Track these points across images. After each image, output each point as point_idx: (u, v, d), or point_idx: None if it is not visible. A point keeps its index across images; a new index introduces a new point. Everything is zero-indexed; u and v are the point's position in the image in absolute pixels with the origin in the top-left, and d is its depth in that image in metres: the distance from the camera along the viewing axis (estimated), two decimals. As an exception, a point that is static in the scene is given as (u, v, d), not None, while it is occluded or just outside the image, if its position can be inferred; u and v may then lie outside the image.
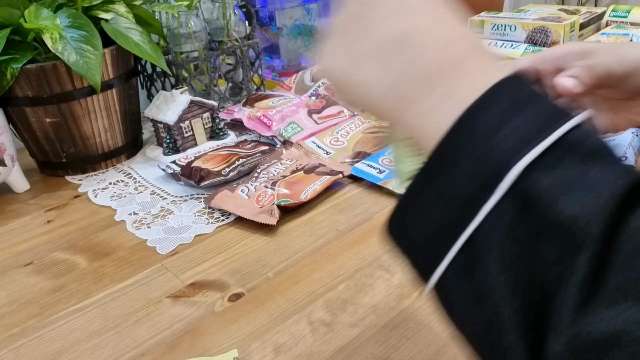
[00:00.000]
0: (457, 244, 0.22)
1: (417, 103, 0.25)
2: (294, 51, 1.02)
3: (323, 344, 0.42)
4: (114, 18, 0.71)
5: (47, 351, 0.45)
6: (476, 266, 0.22)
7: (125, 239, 0.59)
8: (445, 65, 0.25)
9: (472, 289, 0.22)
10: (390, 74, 0.26)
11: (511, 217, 0.21)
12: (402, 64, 0.26)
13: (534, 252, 0.20)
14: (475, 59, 0.25)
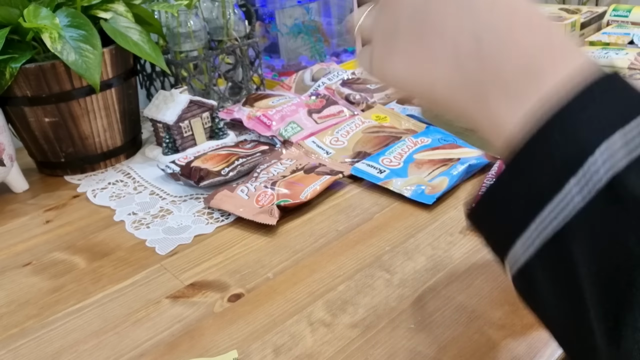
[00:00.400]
0: (547, 231, 0.23)
1: (496, 101, 0.25)
2: (294, 50, 1.02)
3: (323, 344, 0.42)
4: (113, 17, 0.71)
5: (46, 352, 0.44)
6: (564, 252, 0.23)
7: (124, 239, 0.59)
8: (524, 63, 0.25)
9: (558, 273, 0.23)
10: (464, 76, 0.26)
11: (603, 207, 0.21)
12: (477, 67, 0.26)
13: (625, 241, 0.21)
14: (554, 53, 0.25)
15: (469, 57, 0.26)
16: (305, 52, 1.03)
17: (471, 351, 0.40)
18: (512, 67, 0.25)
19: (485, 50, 0.26)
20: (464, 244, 0.52)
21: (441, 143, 0.69)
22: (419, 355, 0.39)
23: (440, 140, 0.69)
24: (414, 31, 0.28)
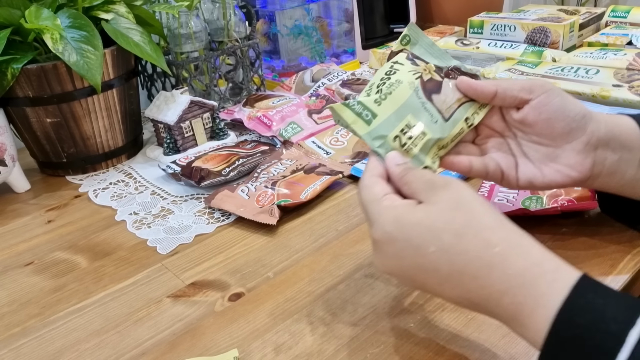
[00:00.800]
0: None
1: (492, 306, 0.33)
2: (294, 51, 1.02)
3: (323, 343, 0.42)
4: (114, 18, 0.71)
5: (48, 351, 0.45)
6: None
7: (125, 239, 0.59)
8: (515, 281, 0.32)
9: None
10: (459, 294, 0.35)
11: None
12: (464, 289, 0.34)
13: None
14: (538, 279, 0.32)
15: (457, 286, 0.34)
16: (305, 53, 1.03)
17: (470, 350, 0.40)
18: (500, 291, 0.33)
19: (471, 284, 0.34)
20: (463, 243, 0.52)
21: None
22: (418, 354, 0.40)
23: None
24: (405, 271, 0.36)
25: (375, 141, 0.42)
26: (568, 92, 0.77)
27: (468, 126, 0.44)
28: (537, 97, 0.42)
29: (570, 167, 0.43)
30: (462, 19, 1.17)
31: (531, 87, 0.43)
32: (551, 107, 0.42)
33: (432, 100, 0.43)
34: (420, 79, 0.44)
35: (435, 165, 0.43)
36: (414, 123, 0.42)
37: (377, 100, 0.43)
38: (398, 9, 1.19)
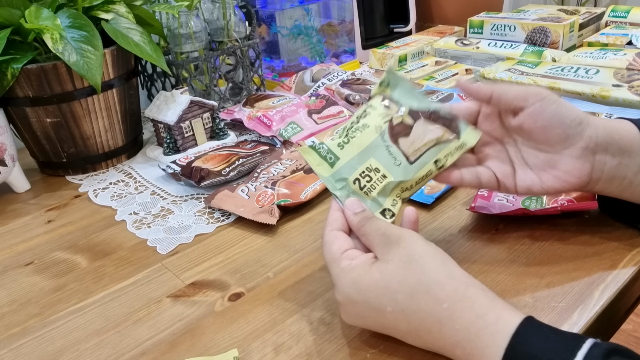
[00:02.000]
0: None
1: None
2: (294, 51, 1.02)
3: (323, 343, 0.42)
4: (114, 18, 0.71)
5: (48, 351, 0.45)
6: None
7: (125, 239, 0.59)
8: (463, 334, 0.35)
9: None
10: (420, 344, 0.39)
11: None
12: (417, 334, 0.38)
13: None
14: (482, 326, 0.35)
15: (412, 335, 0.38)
16: (305, 53, 1.03)
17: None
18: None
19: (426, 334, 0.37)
20: (463, 243, 0.52)
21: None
22: (417, 355, 0.40)
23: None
24: (370, 326, 0.41)
25: (337, 183, 0.44)
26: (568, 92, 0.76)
27: (437, 168, 0.45)
28: (532, 105, 0.43)
29: (568, 173, 0.43)
30: (462, 19, 1.17)
31: (526, 95, 0.43)
32: (546, 115, 0.42)
33: (398, 143, 0.44)
34: (389, 123, 0.44)
35: (396, 208, 0.44)
36: (374, 166, 0.44)
37: (340, 144, 0.44)
38: (398, 9, 1.19)
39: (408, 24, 1.20)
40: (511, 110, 0.44)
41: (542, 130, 0.43)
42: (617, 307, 0.45)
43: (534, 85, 0.45)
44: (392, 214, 0.44)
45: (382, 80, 0.47)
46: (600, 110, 0.69)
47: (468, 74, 0.96)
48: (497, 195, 0.56)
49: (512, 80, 0.81)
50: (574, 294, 0.44)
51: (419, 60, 1.06)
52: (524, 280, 0.46)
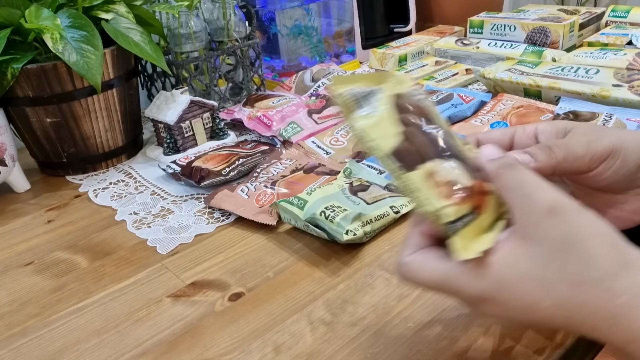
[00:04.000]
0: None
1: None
2: (294, 51, 1.02)
3: (323, 343, 0.42)
4: (114, 18, 0.71)
5: (48, 350, 0.45)
6: None
7: (125, 239, 0.59)
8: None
9: None
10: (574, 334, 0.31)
11: None
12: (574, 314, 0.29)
13: None
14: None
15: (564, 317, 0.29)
16: (305, 52, 1.03)
17: (470, 350, 0.40)
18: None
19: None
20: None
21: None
22: (418, 354, 0.40)
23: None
24: (514, 322, 0.33)
25: (307, 219, 0.53)
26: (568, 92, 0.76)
27: (394, 212, 0.55)
28: (596, 168, 0.36)
29: (633, 212, 0.38)
30: (462, 19, 1.17)
31: (590, 159, 0.36)
32: (611, 173, 0.36)
33: (357, 194, 0.56)
34: (350, 185, 0.58)
35: (360, 232, 0.51)
36: (337, 205, 0.53)
37: (308, 192, 0.56)
38: (398, 9, 1.19)
39: (408, 24, 1.20)
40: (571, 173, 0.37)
41: (605, 187, 0.37)
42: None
43: (582, 124, 0.38)
44: (353, 234, 0.51)
45: (344, 169, 0.63)
46: (600, 110, 0.69)
47: (468, 74, 0.96)
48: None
49: (512, 80, 0.81)
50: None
51: (419, 60, 1.06)
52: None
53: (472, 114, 0.79)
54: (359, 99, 0.34)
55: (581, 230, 0.29)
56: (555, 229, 0.29)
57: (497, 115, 0.75)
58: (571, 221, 0.29)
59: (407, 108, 0.34)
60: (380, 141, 0.33)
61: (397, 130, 0.33)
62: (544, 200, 0.29)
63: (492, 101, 0.80)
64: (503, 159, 0.32)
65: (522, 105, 0.76)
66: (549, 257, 0.29)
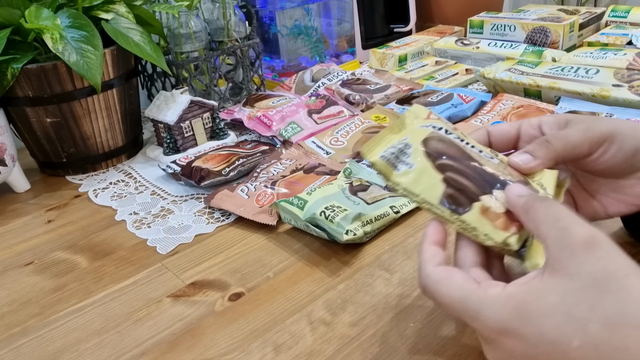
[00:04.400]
0: None
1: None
2: (294, 51, 1.02)
3: (323, 343, 0.42)
4: (114, 18, 0.71)
5: (48, 350, 0.45)
6: None
7: (125, 239, 0.59)
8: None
9: None
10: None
11: None
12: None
13: None
14: None
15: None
16: (305, 52, 1.03)
17: (470, 350, 0.40)
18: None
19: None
20: (463, 243, 0.52)
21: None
22: (418, 354, 0.40)
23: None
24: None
25: (307, 219, 0.53)
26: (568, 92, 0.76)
27: (394, 212, 0.55)
28: (594, 152, 0.38)
29: (636, 196, 0.39)
30: (462, 19, 1.17)
31: (589, 144, 0.37)
32: (608, 157, 0.37)
33: (356, 194, 0.56)
34: (350, 185, 0.57)
35: (360, 232, 0.51)
36: (337, 205, 0.53)
37: (308, 192, 0.56)
38: (398, 9, 1.19)
39: (408, 24, 1.20)
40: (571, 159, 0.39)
41: (605, 170, 0.38)
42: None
43: (581, 115, 0.40)
44: (353, 234, 0.50)
45: (345, 169, 0.62)
46: (600, 110, 0.69)
47: (468, 74, 0.96)
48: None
49: (512, 80, 0.81)
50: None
51: (419, 60, 1.06)
52: (524, 280, 0.46)
53: (472, 114, 0.79)
54: (392, 160, 0.35)
55: (620, 268, 0.27)
56: (592, 264, 0.27)
57: (497, 115, 0.75)
58: (610, 257, 0.27)
59: (438, 152, 0.35)
60: (426, 194, 0.34)
61: (438, 179, 0.34)
62: (582, 233, 0.28)
63: (492, 101, 0.80)
64: (536, 195, 0.32)
65: (522, 105, 0.76)
66: (583, 293, 0.27)
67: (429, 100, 0.80)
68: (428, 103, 0.80)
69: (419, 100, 0.81)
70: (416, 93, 0.84)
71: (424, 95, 0.83)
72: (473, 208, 0.33)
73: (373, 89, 0.88)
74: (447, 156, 0.35)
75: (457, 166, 0.34)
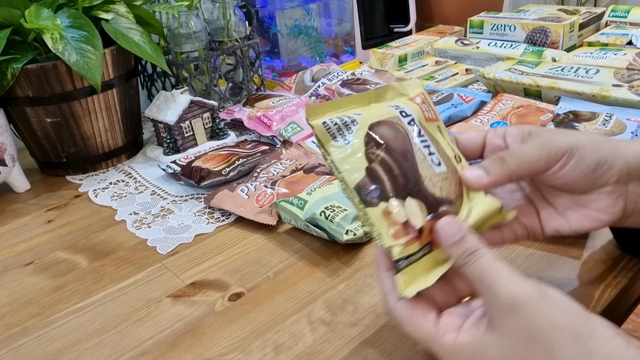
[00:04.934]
0: None
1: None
2: (294, 51, 1.02)
3: (323, 343, 0.42)
4: (114, 18, 0.71)
5: (48, 350, 0.45)
6: None
7: (125, 239, 0.59)
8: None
9: None
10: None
11: None
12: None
13: None
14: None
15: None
16: (305, 52, 1.03)
17: (470, 349, 0.40)
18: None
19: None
20: (463, 243, 0.52)
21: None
22: (417, 354, 0.40)
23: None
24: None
25: (307, 219, 0.53)
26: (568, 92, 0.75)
27: None
28: (553, 167, 0.37)
29: (600, 211, 0.38)
30: (462, 19, 1.17)
31: (546, 160, 0.36)
32: (567, 171, 0.37)
33: None
34: None
35: (360, 232, 0.51)
36: (337, 205, 0.53)
37: (308, 192, 0.56)
38: (398, 9, 1.19)
39: (408, 24, 1.20)
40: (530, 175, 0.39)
41: (566, 185, 0.38)
42: (617, 307, 0.45)
43: (543, 128, 0.38)
44: (353, 234, 0.51)
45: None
46: (600, 110, 0.69)
47: (468, 74, 0.96)
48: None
49: (512, 80, 0.81)
50: (574, 294, 0.44)
51: (419, 60, 1.06)
52: (524, 280, 0.46)
53: (472, 114, 0.79)
54: (332, 130, 0.35)
55: (541, 325, 0.29)
56: (516, 324, 0.29)
57: (497, 115, 0.75)
58: (530, 317, 0.29)
59: (379, 140, 0.34)
60: (347, 174, 0.34)
61: (362, 166, 0.34)
62: (503, 295, 0.30)
63: (492, 101, 0.80)
64: (464, 246, 0.32)
65: (522, 105, 0.76)
66: (515, 350, 0.29)
67: (429, 100, 0.80)
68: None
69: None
70: (416, 93, 0.84)
71: (424, 95, 0.83)
72: (378, 206, 0.33)
73: (373, 89, 0.88)
74: (385, 147, 0.34)
75: (387, 160, 0.34)
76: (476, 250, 0.32)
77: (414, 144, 0.35)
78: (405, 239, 0.33)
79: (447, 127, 0.75)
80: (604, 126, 0.66)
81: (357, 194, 0.34)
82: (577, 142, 0.37)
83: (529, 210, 0.40)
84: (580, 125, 0.67)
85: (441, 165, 0.35)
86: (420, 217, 0.33)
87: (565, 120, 0.69)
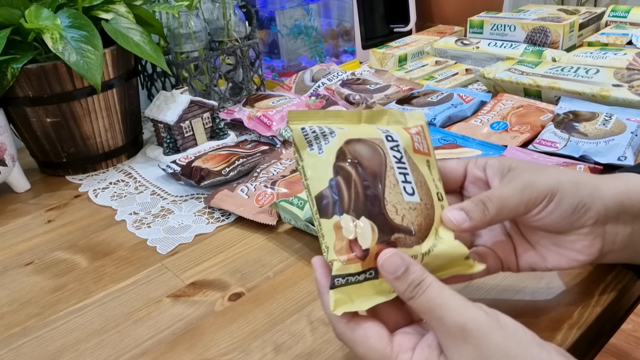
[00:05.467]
0: None
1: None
2: (294, 51, 1.02)
3: (323, 343, 0.42)
4: (114, 18, 0.71)
5: (48, 350, 0.45)
6: None
7: (125, 239, 0.59)
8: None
9: None
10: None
11: None
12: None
13: None
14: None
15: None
16: (305, 52, 1.03)
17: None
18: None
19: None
20: (463, 243, 0.52)
21: (441, 143, 0.69)
22: (418, 354, 0.40)
23: (440, 140, 0.70)
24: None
25: (307, 219, 0.52)
26: (568, 92, 0.75)
27: None
28: (531, 211, 0.37)
29: (577, 252, 0.38)
30: (462, 19, 1.17)
31: (526, 204, 0.36)
32: (545, 214, 0.37)
33: None
34: None
35: None
36: None
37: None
38: (398, 9, 1.19)
39: (408, 24, 1.20)
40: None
41: (543, 226, 0.38)
42: (617, 307, 0.45)
43: (525, 164, 0.39)
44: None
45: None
46: (600, 110, 0.69)
47: (468, 74, 0.96)
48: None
49: (512, 80, 0.81)
50: (573, 293, 0.44)
51: (419, 60, 1.06)
52: (523, 280, 0.46)
53: (472, 114, 0.79)
54: (310, 137, 0.35)
55: (493, 355, 0.29)
56: (470, 352, 0.29)
57: (497, 115, 0.75)
58: (482, 346, 0.29)
59: (348, 157, 0.34)
60: (312, 183, 0.34)
61: (327, 177, 0.34)
62: (454, 325, 0.30)
63: (492, 101, 0.80)
64: (409, 279, 0.32)
65: (522, 105, 0.76)
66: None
67: (428, 100, 0.80)
68: (428, 103, 0.80)
69: (419, 100, 0.81)
70: (416, 93, 0.84)
71: (424, 95, 0.83)
72: (332, 219, 0.33)
73: (373, 89, 0.88)
74: (356, 163, 0.34)
75: (353, 177, 0.34)
76: (421, 281, 0.32)
77: (390, 167, 0.35)
78: (347, 257, 0.32)
79: (447, 127, 0.75)
80: (604, 126, 0.66)
81: (316, 203, 0.34)
82: (558, 185, 0.36)
83: (506, 244, 0.40)
84: (580, 125, 0.67)
85: (414, 196, 0.34)
86: (369, 239, 0.32)
87: (565, 120, 0.69)
